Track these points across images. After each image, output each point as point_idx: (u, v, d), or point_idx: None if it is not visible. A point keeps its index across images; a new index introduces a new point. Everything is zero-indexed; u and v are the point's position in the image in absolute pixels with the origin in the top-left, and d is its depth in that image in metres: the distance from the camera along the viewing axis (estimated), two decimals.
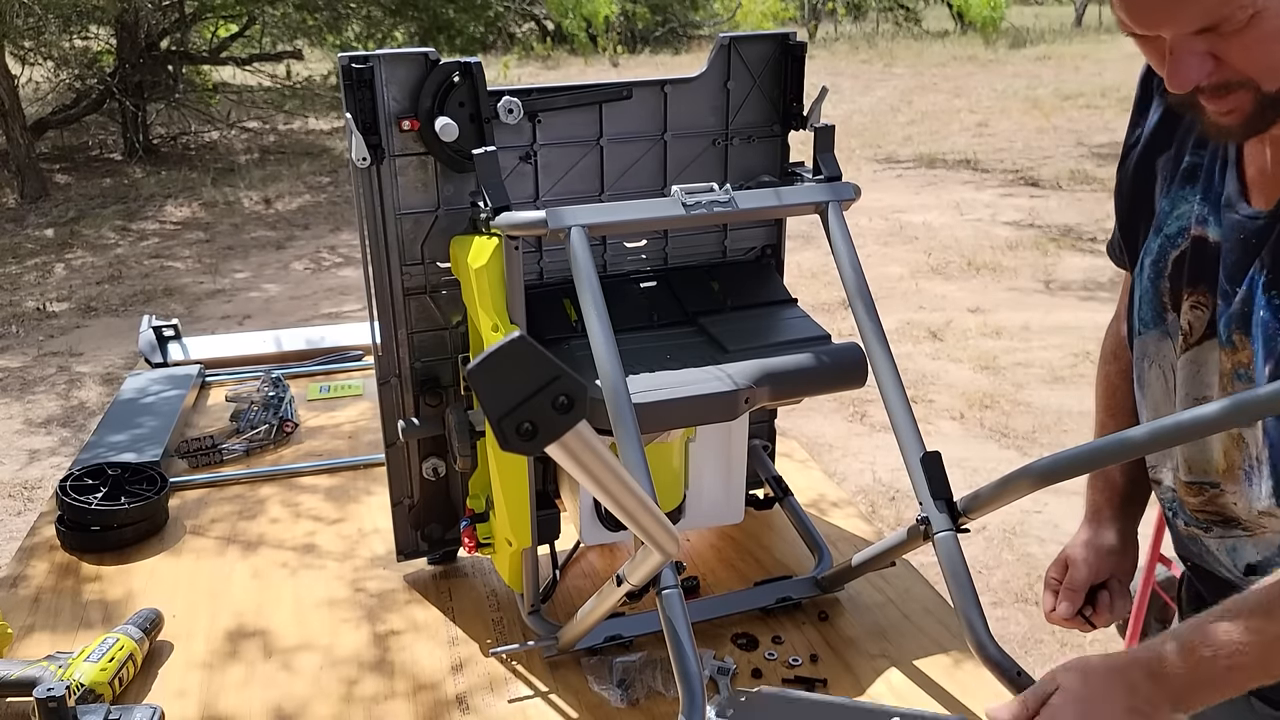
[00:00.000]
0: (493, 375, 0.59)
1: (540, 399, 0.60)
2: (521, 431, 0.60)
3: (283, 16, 10.46)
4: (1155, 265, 1.10)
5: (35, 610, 1.44)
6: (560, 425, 0.61)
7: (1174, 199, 1.08)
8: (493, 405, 0.59)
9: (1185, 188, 1.07)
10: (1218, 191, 1.02)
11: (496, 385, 0.59)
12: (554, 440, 0.62)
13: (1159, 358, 1.12)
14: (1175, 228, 1.07)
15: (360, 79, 1.24)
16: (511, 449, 0.60)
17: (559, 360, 0.60)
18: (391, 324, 1.36)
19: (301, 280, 6.26)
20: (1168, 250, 1.08)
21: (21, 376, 4.83)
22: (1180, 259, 1.07)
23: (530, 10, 15.73)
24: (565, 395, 0.60)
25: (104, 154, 9.87)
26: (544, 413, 0.60)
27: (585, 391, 0.61)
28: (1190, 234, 1.05)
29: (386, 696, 1.26)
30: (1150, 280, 1.11)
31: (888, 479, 3.67)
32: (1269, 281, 0.95)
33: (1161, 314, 1.10)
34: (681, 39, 18.76)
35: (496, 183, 1.20)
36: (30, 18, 8.15)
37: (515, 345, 0.59)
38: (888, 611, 1.39)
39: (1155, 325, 1.11)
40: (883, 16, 21.23)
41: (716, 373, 1.22)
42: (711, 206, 1.20)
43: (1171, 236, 1.08)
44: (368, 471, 1.82)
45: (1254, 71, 0.88)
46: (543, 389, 0.60)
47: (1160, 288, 1.10)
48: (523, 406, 0.59)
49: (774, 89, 1.45)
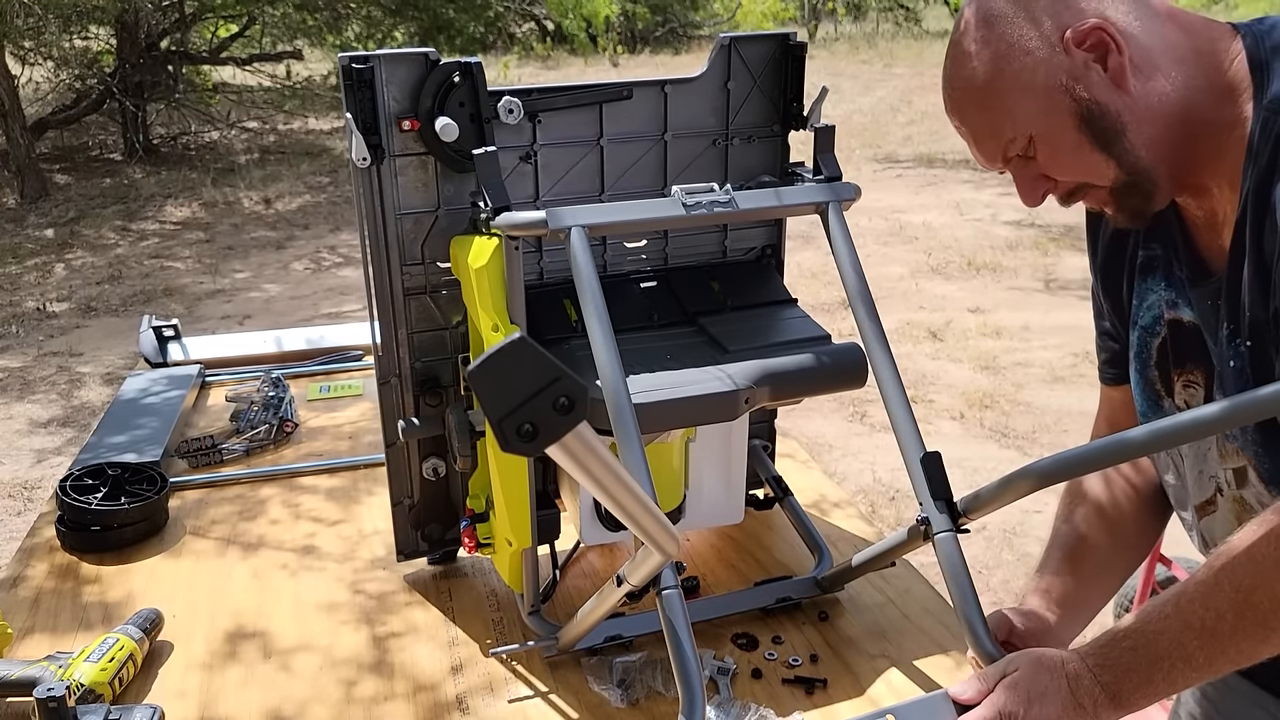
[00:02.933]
0: (493, 376, 0.59)
1: (541, 400, 0.60)
2: (522, 433, 0.60)
3: (283, 16, 10.46)
4: (1140, 357, 1.13)
5: (35, 610, 1.44)
6: (561, 426, 0.61)
7: (1141, 292, 1.11)
8: (493, 406, 0.59)
9: (1148, 279, 1.10)
10: (1179, 276, 1.05)
11: (497, 386, 0.59)
12: (554, 441, 0.62)
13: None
14: (1149, 318, 1.10)
15: (361, 79, 1.24)
16: (512, 450, 0.60)
17: (559, 361, 0.60)
18: (392, 324, 1.36)
19: (301, 280, 6.26)
20: (1148, 341, 1.11)
21: (22, 376, 4.83)
22: (1163, 345, 1.09)
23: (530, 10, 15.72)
24: (566, 396, 0.60)
25: (104, 154, 9.86)
26: (544, 414, 0.60)
27: (586, 392, 0.61)
28: (1165, 320, 1.08)
29: (386, 697, 1.26)
30: (1139, 372, 1.14)
31: (888, 479, 3.67)
32: (1231, 333, 0.97)
33: (1157, 401, 1.12)
34: (681, 39, 18.76)
35: (497, 183, 1.20)
36: (30, 18, 8.15)
37: (516, 346, 0.59)
38: (887, 611, 1.39)
39: (1154, 414, 1.13)
40: (883, 16, 21.22)
41: (717, 373, 1.22)
42: (712, 207, 1.20)
43: (1148, 327, 1.11)
44: (368, 472, 1.82)
45: (1078, 177, 0.96)
46: (543, 390, 0.60)
47: (1149, 377, 1.12)
48: (523, 408, 0.59)
49: (774, 89, 1.45)
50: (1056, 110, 0.94)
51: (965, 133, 1.03)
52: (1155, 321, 1.09)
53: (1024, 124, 0.96)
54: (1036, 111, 0.95)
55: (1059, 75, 0.93)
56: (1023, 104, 0.95)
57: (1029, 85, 0.94)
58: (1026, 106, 0.95)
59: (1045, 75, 0.94)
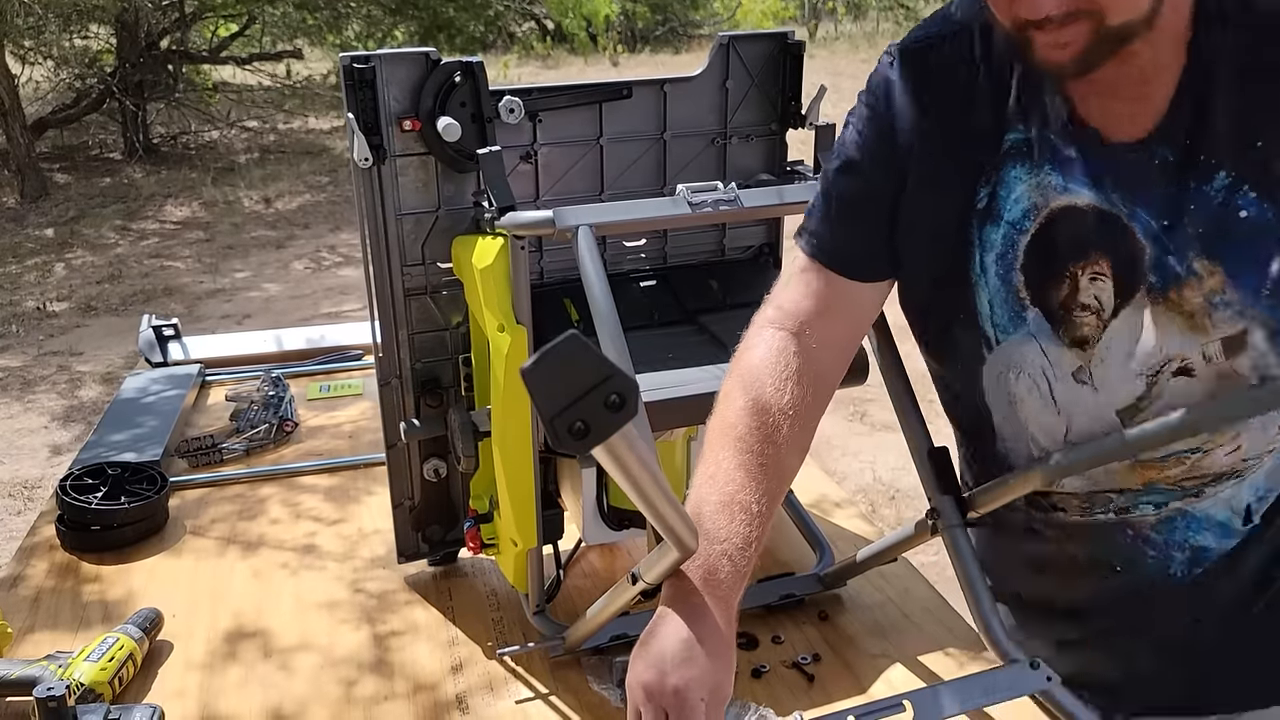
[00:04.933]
0: (547, 374, 0.58)
1: (593, 398, 0.59)
2: (574, 430, 0.60)
3: (283, 16, 10.46)
4: (1004, 259, 0.96)
5: (35, 610, 1.44)
6: (612, 424, 0.61)
7: (1005, 181, 0.95)
8: (546, 405, 0.58)
9: (1015, 166, 0.94)
10: (1066, 156, 0.91)
11: (550, 384, 0.58)
12: (606, 439, 0.61)
13: (1026, 364, 0.98)
14: (1018, 211, 0.94)
15: (362, 79, 1.24)
16: (564, 448, 0.60)
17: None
18: (392, 325, 1.36)
19: (301, 280, 6.26)
20: (1015, 238, 0.95)
21: (22, 376, 4.83)
22: (1036, 241, 0.94)
23: (530, 10, 15.72)
24: (617, 394, 0.60)
25: (104, 153, 9.86)
26: (597, 411, 0.60)
27: (637, 390, 0.60)
28: (1045, 211, 0.93)
29: (386, 697, 1.25)
30: (999, 276, 0.96)
31: (888, 478, 3.67)
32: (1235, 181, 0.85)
33: (1020, 313, 0.96)
34: (681, 38, 18.74)
35: (502, 183, 1.20)
36: (30, 17, 8.15)
37: (569, 344, 0.59)
38: (888, 610, 1.38)
39: (1015, 328, 0.97)
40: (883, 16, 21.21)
41: (717, 371, 1.22)
42: (717, 205, 1.20)
43: (1015, 222, 0.95)
44: (368, 471, 1.82)
45: (1105, 1, 0.81)
46: (596, 388, 0.59)
47: (1014, 283, 0.96)
48: (575, 405, 0.59)
49: (773, 88, 1.45)
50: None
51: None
52: (1025, 215, 0.94)
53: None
54: None
55: None
56: None
57: None
58: None
59: None
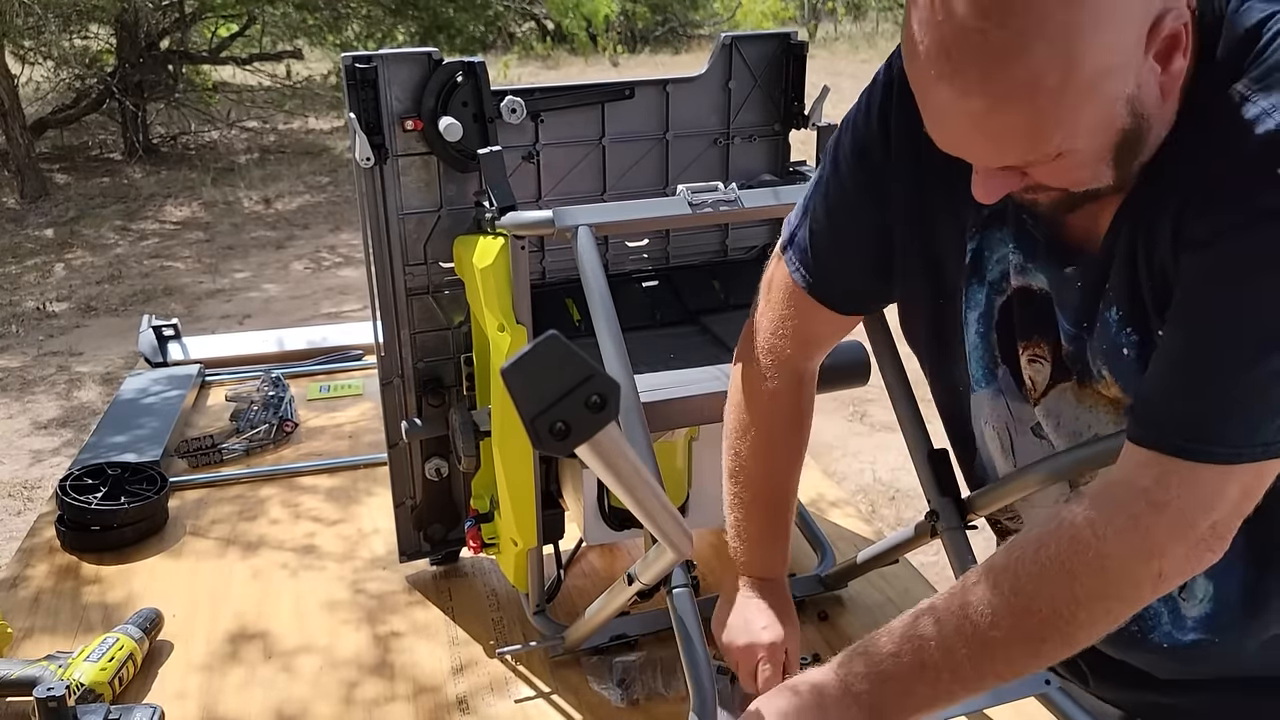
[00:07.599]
0: (526, 375, 0.58)
1: (573, 398, 0.59)
2: (555, 431, 0.60)
3: (283, 16, 10.45)
4: (984, 317, 0.95)
5: (35, 610, 1.44)
6: (593, 424, 0.61)
7: (991, 242, 0.92)
8: (526, 405, 0.58)
9: (997, 230, 0.91)
10: (1032, 238, 0.88)
11: (530, 385, 0.58)
12: (587, 439, 0.61)
13: (993, 417, 1.00)
14: (997, 272, 0.93)
15: (364, 79, 1.24)
16: (545, 449, 0.60)
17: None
18: (394, 324, 1.36)
19: (301, 280, 6.25)
20: (994, 298, 0.94)
21: (21, 376, 4.82)
22: (1006, 306, 0.93)
23: (530, 10, 15.71)
24: (598, 394, 0.60)
25: (104, 154, 9.85)
26: (577, 412, 0.60)
27: (618, 390, 0.61)
28: (1011, 283, 0.92)
29: (387, 698, 1.25)
30: (980, 334, 0.96)
31: (888, 479, 3.67)
32: (1123, 318, 0.83)
33: (992, 370, 0.97)
34: (681, 38, 18.74)
35: (502, 182, 1.20)
36: (30, 17, 8.14)
37: (549, 345, 0.59)
38: (888, 611, 1.38)
39: (988, 383, 0.98)
40: (883, 16, 21.22)
41: (719, 372, 1.22)
42: (718, 206, 1.20)
43: (995, 283, 0.93)
44: (368, 472, 1.82)
45: (1061, 185, 0.78)
46: (576, 388, 0.59)
47: (990, 341, 0.96)
48: (556, 406, 0.59)
49: (775, 88, 1.45)
50: (1109, 126, 0.72)
51: (975, 135, 0.75)
52: (1001, 279, 0.92)
53: (1072, 137, 0.72)
54: (1095, 125, 0.72)
55: (1129, 82, 0.71)
56: (1084, 113, 0.71)
57: (1098, 90, 0.70)
58: (1087, 117, 0.71)
59: (1118, 81, 0.70)
